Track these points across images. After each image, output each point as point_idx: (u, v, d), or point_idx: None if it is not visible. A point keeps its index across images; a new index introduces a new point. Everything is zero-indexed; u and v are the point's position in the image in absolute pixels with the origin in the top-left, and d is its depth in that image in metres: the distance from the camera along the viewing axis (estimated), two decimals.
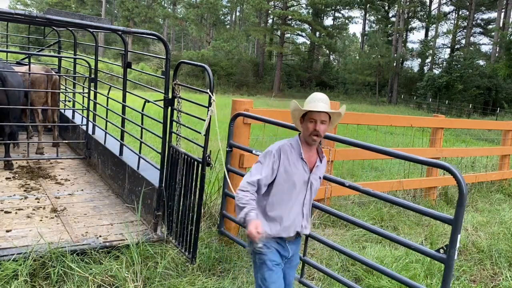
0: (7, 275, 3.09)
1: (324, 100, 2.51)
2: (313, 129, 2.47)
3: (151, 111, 5.33)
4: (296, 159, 2.55)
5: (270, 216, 2.57)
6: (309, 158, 2.59)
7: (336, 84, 52.78)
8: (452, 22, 52.53)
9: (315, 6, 50.09)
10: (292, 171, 2.54)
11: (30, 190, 4.92)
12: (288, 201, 2.57)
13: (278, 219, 2.56)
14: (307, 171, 2.57)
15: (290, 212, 2.57)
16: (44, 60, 10.76)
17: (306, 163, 2.57)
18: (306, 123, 2.52)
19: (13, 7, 49.04)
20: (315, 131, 2.47)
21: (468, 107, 32.74)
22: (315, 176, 2.62)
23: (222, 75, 45.02)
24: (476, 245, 4.80)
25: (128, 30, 4.14)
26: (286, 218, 2.56)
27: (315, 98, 2.51)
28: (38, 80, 6.21)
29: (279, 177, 2.55)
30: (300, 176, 2.56)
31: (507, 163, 7.78)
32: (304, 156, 2.56)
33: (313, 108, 2.46)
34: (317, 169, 2.62)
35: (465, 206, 2.44)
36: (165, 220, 4.02)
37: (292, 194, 2.56)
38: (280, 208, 2.57)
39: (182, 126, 3.98)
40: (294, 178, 2.54)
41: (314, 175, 2.61)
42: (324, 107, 2.47)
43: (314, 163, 2.62)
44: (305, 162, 2.56)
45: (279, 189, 2.56)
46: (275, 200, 2.57)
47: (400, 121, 6.25)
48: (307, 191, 2.60)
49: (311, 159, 2.61)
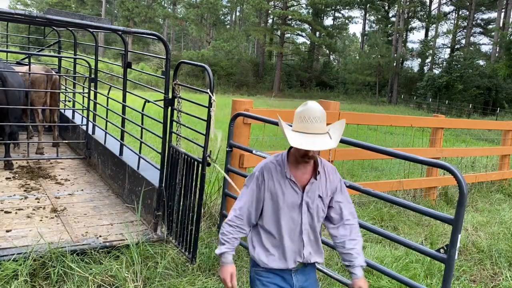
0: (7, 275, 3.09)
1: (319, 118, 2.04)
2: (304, 153, 2.09)
3: (151, 111, 5.33)
4: (282, 179, 2.19)
5: (266, 247, 2.26)
6: (301, 175, 2.21)
7: (336, 84, 52.78)
8: (452, 22, 52.56)
9: (315, 6, 50.08)
10: (278, 194, 2.19)
11: (30, 190, 4.92)
12: (281, 228, 2.23)
13: (274, 249, 2.26)
14: (298, 191, 2.19)
15: (285, 241, 2.23)
16: (44, 60, 10.76)
17: (295, 182, 2.19)
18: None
19: (13, 7, 49.04)
20: (307, 156, 2.10)
21: (468, 107, 32.74)
22: (311, 195, 2.21)
23: (222, 75, 45.02)
24: (476, 245, 4.80)
25: (128, 30, 4.14)
26: (282, 248, 2.24)
27: (306, 116, 2.04)
28: (38, 80, 6.21)
29: (266, 202, 2.23)
30: (289, 198, 2.19)
31: (507, 163, 7.78)
32: (290, 174, 2.19)
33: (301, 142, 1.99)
34: (313, 187, 2.21)
35: (465, 206, 2.43)
36: (165, 220, 4.02)
37: (283, 220, 2.22)
38: (273, 237, 2.26)
39: (182, 126, 3.98)
40: (281, 201, 2.20)
41: (309, 194, 2.21)
42: (319, 127, 2.04)
43: (307, 180, 2.21)
44: (293, 181, 2.18)
45: (269, 216, 2.24)
46: (268, 229, 2.26)
47: (400, 121, 6.25)
48: (303, 214, 2.22)
49: (304, 176, 2.22)
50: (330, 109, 4.74)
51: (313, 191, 2.22)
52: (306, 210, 2.23)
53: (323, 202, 2.26)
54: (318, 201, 2.24)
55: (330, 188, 2.28)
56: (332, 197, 2.30)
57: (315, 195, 2.23)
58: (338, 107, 4.86)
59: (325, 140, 2.03)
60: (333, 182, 2.29)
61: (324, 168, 2.27)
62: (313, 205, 2.23)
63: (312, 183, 2.22)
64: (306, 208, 2.22)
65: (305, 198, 2.21)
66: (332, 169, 2.32)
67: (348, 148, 5.17)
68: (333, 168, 2.33)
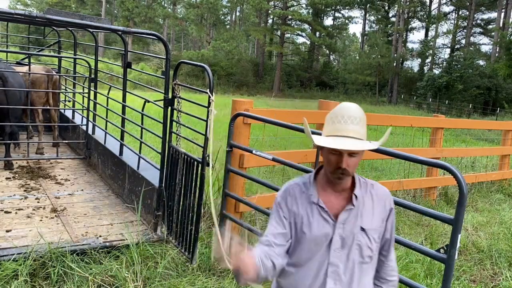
0: (7, 275, 3.09)
1: (355, 119, 1.62)
2: (336, 165, 1.62)
3: (151, 111, 5.33)
4: (308, 205, 1.73)
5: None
6: (334, 200, 1.72)
7: (336, 84, 52.76)
8: (452, 22, 52.55)
9: (315, 6, 50.06)
10: (303, 223, 1.72)
11: (30, 190, 4.92)
12: (300, 269, 1.73)
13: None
14: (328, 220, 1.70)
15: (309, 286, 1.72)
16: (44, 60, 10.76)
17: (324, 208, 1.70)
18: (327, 154, 1.65)
19: (13, 7, 49.04)
20: (340, 169, 1.62)
21: (468, 107, 32.73)
22: (348, 227, 1.69)
23: (222, 75, 45.01)
24: (476, 245, 4.80)
25: (128, 30, 4.15)
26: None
27: (339, 116, 1.64)
28: (38, 80, 6.21)
29: (293, 233, 1.75)
30: (317, 229, 1.70)
31: (507, 163, 7.79)
32: (318, 199, 1.72)
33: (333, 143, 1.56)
34: (351, 215, 1.69)
35: (465, 206, 2.43)
36: (165, 220, 4.02)
37: (312, 259, 1.71)
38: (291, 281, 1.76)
39: (182, 126, 3.98)
40: (305, 234, 1.71)
41: (344, 226, 1.69)
42: (355, 130, 1.60)
43: (342, 206, 1.71)
44: (322, 207, 1.70)
45: (296, 252, 1.75)
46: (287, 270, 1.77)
47: (400, 121, 6.25)
48: (332, 251, 1.69)
49: (338, 202, 1.72)
50: (330, 109, 4.71)
51: (352, 221, 1.70)
52: (338, 246, 1.69)
53: (369, 236, 1.71)
54: (361, 235, 1.70)
55: (379, 217, 1.74)
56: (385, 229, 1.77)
57: (355, 226, 1.69)
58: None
59: (361, 142, 1.59)
60: (385, 211, 1.76)
61: (371, 192, 1.75)
62: (351, 240, 1.69)
63: (349, 210, 1.70)
64: (339, 244, 1.69)
65: (339, 231, 1.69)
66: (384, 192, 1.78)
67: None
68: (386, 192, 1.79)
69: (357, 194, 1.71)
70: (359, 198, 1.71)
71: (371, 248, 1.72)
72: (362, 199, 1.72)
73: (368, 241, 1.71)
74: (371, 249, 1.72)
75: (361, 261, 1.71)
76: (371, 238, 1.71)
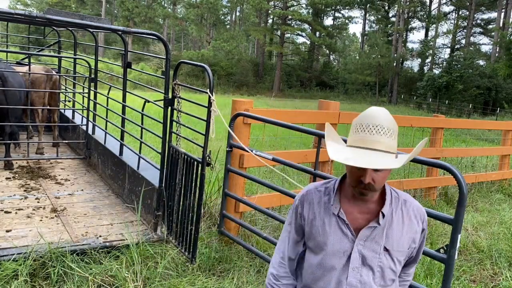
0: (7, 275, 3.09)
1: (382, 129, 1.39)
2: (357, 178, 1.44)
3: (151, 111, 5.33)
4: (327, 215, 1.56)
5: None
6: (357, 214, 1.54)
7: (336, 84, 52.76)
8: (452, 22, 52.56)
9: (315, 6, 50.07)
10: (320, 233, 1.56)
11: (30, 190, 4.92)
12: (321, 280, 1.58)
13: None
14: (348, 234, 1.53)
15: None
16: (44, 60, 10.76)
17: (345, 221, 1.53)
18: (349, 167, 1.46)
19: (13, 7, 49.04)
20: (362, 184, 1.43)
21: (468, 107, 32.72)
22: (370, 245, 1.52)
23: (222, 75, 45.01)
24: (476, 245, 4.80)
25: (128, 30, 4.14)
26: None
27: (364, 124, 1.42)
28: (38, 80, 6.21)
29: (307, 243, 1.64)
30: (334, 243, 1.54)
31: (507, 163, 7.79)
32: (340, 210, 1.54)
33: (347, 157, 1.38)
34: (374, 233, 1.52)
35: (465, 206, 2.43)
36: (165, 220, 4.02)
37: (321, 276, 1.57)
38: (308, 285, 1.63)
39: (182, 126, 3.98)
40: (322, 247, 1.56)
41: (366, 244, 1.52)
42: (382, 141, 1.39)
43: (366, 222, 1.53)
44: (343, 219, 1.53)
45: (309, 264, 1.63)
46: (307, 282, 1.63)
47: (400, 121, 6.24)
48: (352, 270, 1.52)
49: (362, 216, 1.54)
50: (330, 109, 4.74)
51: (375, 239, 1.52)
52: (359, 264, 1.52)
53: (393, 257, 1.54)
54: (384, 256, 1.53)
55: (408, 238, 1.55)
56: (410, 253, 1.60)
57: (378, 246, 1.52)
58: (338, 107, 4.85)
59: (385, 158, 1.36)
60: (415, 232, 1.56)
61: (402, 209, 1.55)
62: (372, 259, 1.52)
63: (373, 228, 1.52)
64: (359, 262, 1.52)
65: (359, 247, 1.52)
66: (417, 211, 1.57)
67: None
68: (418, 211, 1.58)
69: (385, 212, 1.51)
70: (387, 216, 1.52)
71: (394, 270, 1.55)
72: (390, 216, 1.52)
73: (391, 263, 1.53)
74: (395, 272, 1.55)
75: (383, 284, 1.54)
76: (395, 260, 1.54)
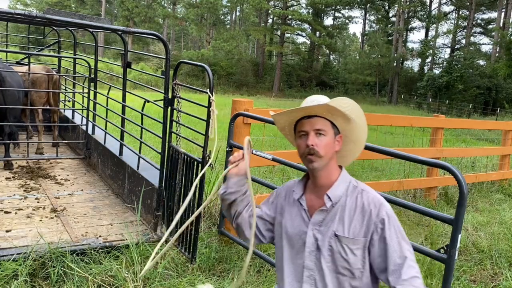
0: (7, 275, 3.08)
1: (319, 101, 1.62)
2: (304, 146, 1.59)
3: (151, 111, 5.33)
4: (292, 201, 1.70)
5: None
6: (315, 200, 1.65)
7: (336, 84, 52.77)
8: (452, 22, 52.55)
9: (315, 6, 50.07)
10: (285, 218, 1.70)
11: (30, 190, 4.92)
12: (286, 268, 1.67)
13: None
14: (305, 218, 1.64)
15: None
16: (44, 60, 10.76)
17: (303, 206, 1.65)
18: (297, 141, 1.65)
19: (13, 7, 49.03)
20: (307, 148, 1.57)
21: (468, 107, 32.73)
22: (324, 230, 1.59)
23: (222, 75, 45.01)
24: (476, 245, 4.79)
25: (128, 30, 4.14)
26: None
27: (306, 101, 1.67)
28: (39, 80, 6.21)
29: (276, 232, 1.77)
30: (294, 227, 1.66)
31: (507, 163, 7.78)
32: (300, 197, 1.68)
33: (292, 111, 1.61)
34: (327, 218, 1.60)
35: (465, 206, 2.43)
36: (165, 220, 4.01)
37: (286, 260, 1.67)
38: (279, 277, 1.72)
39: (182, 126, 3.97)
40: (286, 232, 1.68)
41: (321, 229, 1.60)
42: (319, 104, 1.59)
43: (320, 206, 1.63)
44: (301, 204, 1.66)
45: (277, 249, 1.75)
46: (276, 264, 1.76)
47: (400, 121, 6.25)
48: (307, 253, 1.60)
49: (317, 201, 1.65)
50: None
51: (328, 224, 1.59)
52: (313, 248, 1.59)
53: (343, 245, 1.56)
54: (334, 241, 1.57)
55: (361, 227, 1.56)
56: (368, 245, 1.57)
57: (329, 230, 1.58)
58: None
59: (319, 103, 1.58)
60: (370, 221, 1.56)
61: (357, 197, 1.61)
62: (323, 243, 1.58)
63: (324, 211, 1.60)
64: (313, 246, 1.59)
65: (314, 231, 1.60)
66: (372, 200, 1.59)
67: None
68: (374, 200, 1.60)
69: (331, 195, 1.59)
70: (341, 201, 1.59)
71: (346, 259, 1.55)
72: (344, 203, 1.59)
73: (341, 250, 1.55)
74: (347, 261, 1.55)
75: (335, 269, 1.56)
76: (346, 248, 1.55)
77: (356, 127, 1.65)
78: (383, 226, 1.55)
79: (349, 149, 1.72)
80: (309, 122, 1.58)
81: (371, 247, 1.56)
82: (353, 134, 1.68)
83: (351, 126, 1.64)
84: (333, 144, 1.61)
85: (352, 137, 1.69)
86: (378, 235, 1.55)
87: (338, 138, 1.64)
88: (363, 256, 1.56)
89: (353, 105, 1.60)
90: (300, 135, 1.61)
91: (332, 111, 1.57)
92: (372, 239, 1.56)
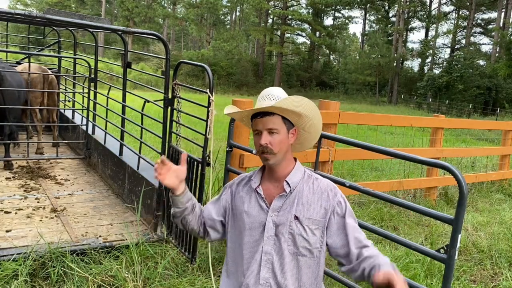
0: (7, 275, 3.08)
1: (271, 96, 1.68)
2: (259, 145, 1.67)
3: (151, 111, 5.33)
4: (249, 192, 1.77)
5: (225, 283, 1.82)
6: (272, 189, 1.74)
7: (336, 84, 52.77)
8: (452, 22, 52.54)
9: (315, 6, 50.09)
10: (240, 207, 1.76)
11: (30, 190, 4.92)
12: (242, 258, 1.74)
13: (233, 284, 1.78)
14: (263, 206, 1.71)
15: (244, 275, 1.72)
16: (44, 60, 10.76)
17: (261, 194, 1.73)
18: (254, 138, 1.73)
19: (13, 7, 49.04)
20: (261, 146, 1.65)
21: (468, 107, 32.73)
22: (282, 214, 1.68)
23: (222, 75, 45.02)
24: (476, 245, 4.79)
25: (128, 30, 4.14)
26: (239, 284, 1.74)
27: (261, 96, 1.72)
28: (34, 81, 6.19)
29: (229, 223, 1.82)
30: (253, 216, 1.72)
31: (507, 163, 7.78)
32: (258, 187, 1.75)
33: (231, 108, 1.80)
34: (285, 203, 1.69)
35: (465, 206, 2.43)
36: (165, 220, 4.01)
37: (245, 247, 1.73)
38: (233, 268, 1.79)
39: (182, 126, 3.97)
40: (244, 221, 1.73)
41: (279, 214, 1.69)
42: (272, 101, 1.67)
43: (278, 194, 1.72)
44: (259, 193, 1.73)
45: (232, 242, 1.80)
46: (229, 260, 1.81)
47: (400, 121, 6.24)
48: (266, 239, 1.68)
49: (274, 190, 1.73)
50: (330, 109, 4.74)
51: (287, 209, 1.69)
52: (272, 233, 1.68)
53: (303, 225, 1.67)
54: (294, 224, 1.67)
55: (319, 208, 1.69)
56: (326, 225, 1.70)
57: (290, 214, 1.67)
58: (338, 107, 4.85)
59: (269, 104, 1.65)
60: (327, 202, 1.70)
61: (313, 183, 1.74)
62: (284, 227, 1.67)
63: (283, 197, 1.70)
64: (272, 231, 1.68)
65: (273, 217, 1.69)
66: (327, 185, 1.74)
67: (348, 148, 5.17)
68: (329, 185, 1.74)
69: (289, 181, 1.70)
70: (298, 187, 1.71)
71: (307, 239, 1.67)
72: (301, 188, 1.71)
73: (302, 231, 1.66)
74: (308, 241, 1.67)
75: (296, 252, 1.67)
76: (307, 228, 1.67)
77: (309, 120, 1.72)
78: (340, 207, 1.71)
79: (305, 137, 1.81)
80: (261, 121, 1.66)
81: (329, 227, 1.70)
82: (307, 126, 1.75)
83: (303, 120, 1.72)
84: (286, 139, 1.69)
85: (307, 129, 1.76)
86: (337, 215, 1.70)
87: (293, 131, 1.71)
88: (321, 236, 1.70)
89: (301, 101, 1.65)
90: (255, 134, 1.70)
91: (279, 110, 1.64)
92: (330, 220, 1.70)
